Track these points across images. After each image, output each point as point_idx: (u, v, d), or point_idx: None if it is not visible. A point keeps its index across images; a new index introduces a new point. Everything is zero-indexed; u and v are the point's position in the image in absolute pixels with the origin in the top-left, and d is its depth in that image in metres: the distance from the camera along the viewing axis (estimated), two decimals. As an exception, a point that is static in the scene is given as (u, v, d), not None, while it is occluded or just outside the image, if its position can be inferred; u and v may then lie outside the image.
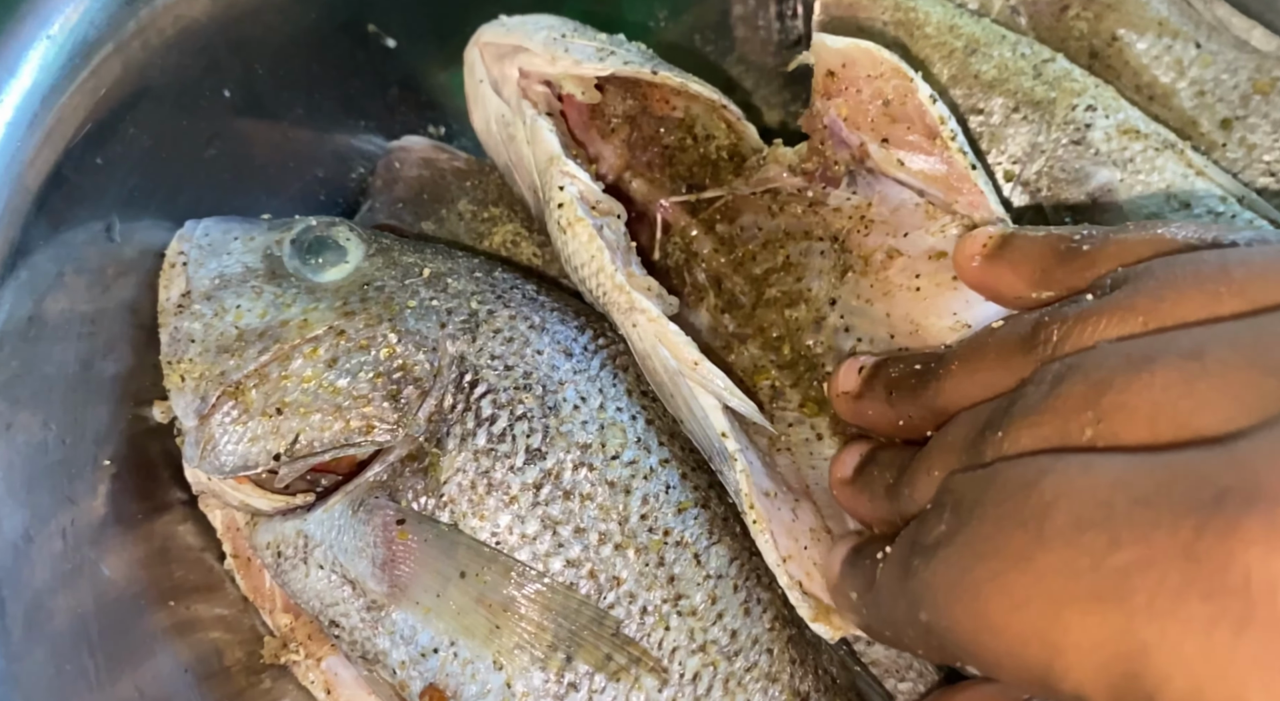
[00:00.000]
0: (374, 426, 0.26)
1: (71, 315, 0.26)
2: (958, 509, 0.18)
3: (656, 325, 0.27)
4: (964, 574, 0.17)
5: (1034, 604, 0.15)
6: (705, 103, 0.31)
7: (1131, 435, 0.16)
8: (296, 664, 0.29)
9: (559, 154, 0.29)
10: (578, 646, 0.25)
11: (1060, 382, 0.18)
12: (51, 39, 0.26)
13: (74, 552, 0.25)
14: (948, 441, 0.22)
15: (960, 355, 0.24)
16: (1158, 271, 0.20)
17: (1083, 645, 0.15)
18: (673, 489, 0.27)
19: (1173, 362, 0.17)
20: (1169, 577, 0.13)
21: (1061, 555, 0.15)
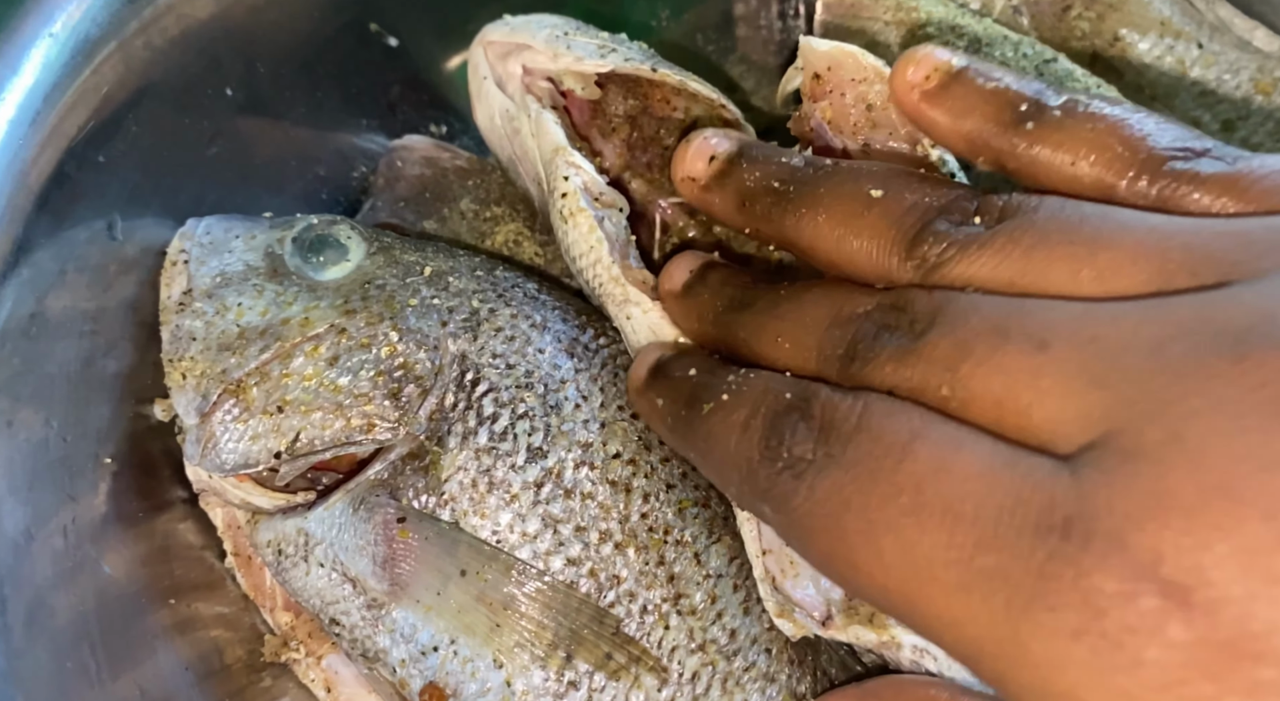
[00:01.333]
0: (375, 424, 0.26)
1: (73, 313, 0.27)
2: (827, 435, 0.19)
3: (650, 317, 0.27)
4: (835, 518, 0.18)
5: (901, 571, 0.17)
6: (704, 102, 0.31)
7: (981, 415, 0.18)
8: (297, 662, 0.29)
9: (564, 145, 0.29)
10: (578, 645, 0.25)
11: (928, 331, 0.19)
12: (54, 37, 0.26)
13: (75, 550, 0.25)
14: (804, 330, 0.22)
15: (828, 207, 0.22)
16: (1042, 217, 0.20)
17: (944, 619, 0.17)
18: (673, 488, 0.27)
19: (1022, 345, 0.18)
20: (1023, 589, 0.15)
21: (933, 540, 0.17)
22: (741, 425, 0.21)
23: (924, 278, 0.21)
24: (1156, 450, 0.15)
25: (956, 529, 0.16)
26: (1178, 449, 0.15)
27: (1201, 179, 0.19)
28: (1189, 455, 0.15)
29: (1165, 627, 0.14)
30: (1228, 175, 0.19)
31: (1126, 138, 0.20)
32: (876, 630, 0.24)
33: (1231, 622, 0.14)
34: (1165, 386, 0.15)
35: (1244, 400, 0.15)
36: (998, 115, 0.22)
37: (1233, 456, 0.14)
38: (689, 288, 0.26)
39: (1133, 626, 0.14)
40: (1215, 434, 0.14)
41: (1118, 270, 0.18)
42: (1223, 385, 0.15)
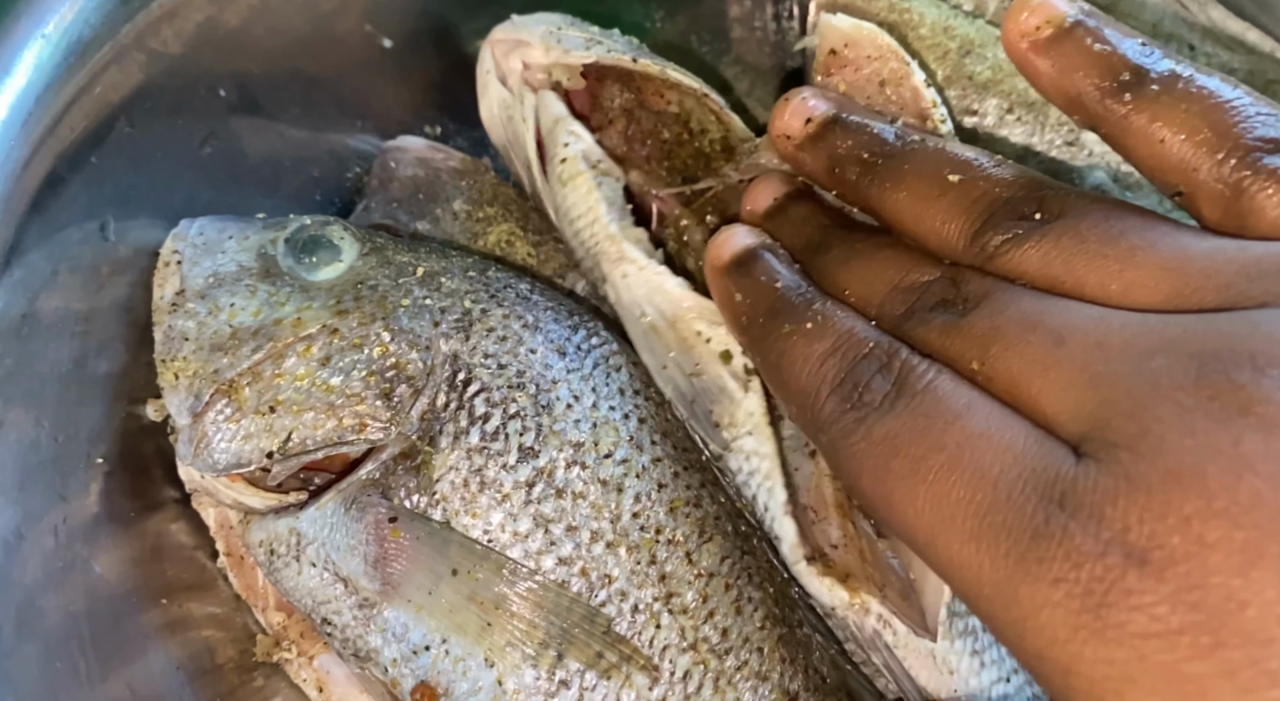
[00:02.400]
0: (367, 424, 0.26)
1: (65, 313, 0.27)
2: (899, 389, 0.22)
3: (647, 272, 0.28)
4: (885, 459, 0.21)
5: (929, 515, 0.20)
6: (692, 94, 0.32)
7: (1000, 391, 0.21)
8: (289, 662, 0.29)
9: (565, 115, 0.30)
10: (569, 644, 0.25)
11: (973, 311, 0.22)
12: (46, 38, 0.26)
13: (66, 550, 0.25)
14: (869, 289, 0.24)
15: (911, 184, 0.25)
16: (1087, 225, 0.22)
17: (955, 561, 0.20)
18: (665, 487, 0.27)
19: (1044, 338, 0.20)
20: (1021, 542, 0.18)
21: (959, 494, 0.20)
22: (820, 357, 0.23)
23: (983, 263, 0.23)
24: (1131, 443, 0.18)
25: (980, 488, 0.19)
26: (1145, 443, 0.18)
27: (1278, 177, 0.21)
28: (1153, 449, 0.18)
29: (1125, 579, 0.17)
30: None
31: (1217, 123, 0.22)
32: (850, 591, 0.25)
33: (1177, 577, 0.17)
34: (1143, 392, 0.18)
35: (1197, 409, 0.18)
36: (1099, 80, 0.23)
37: (1184, 451, 0.17)
38: (770, 216, 0.28)
39: (1100, 577, 0.17)
40: (1173, 433, 0.18)
41: (1142, 285, 0.20)
42: (1184, 396, 0.18)
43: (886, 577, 0.26)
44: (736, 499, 0.29)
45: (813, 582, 0.26)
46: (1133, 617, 0.17)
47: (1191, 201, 0.22)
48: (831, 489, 0.28)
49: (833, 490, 0.28)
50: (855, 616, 0.26)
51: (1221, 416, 0.17)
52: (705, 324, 0.27)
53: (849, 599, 0.26)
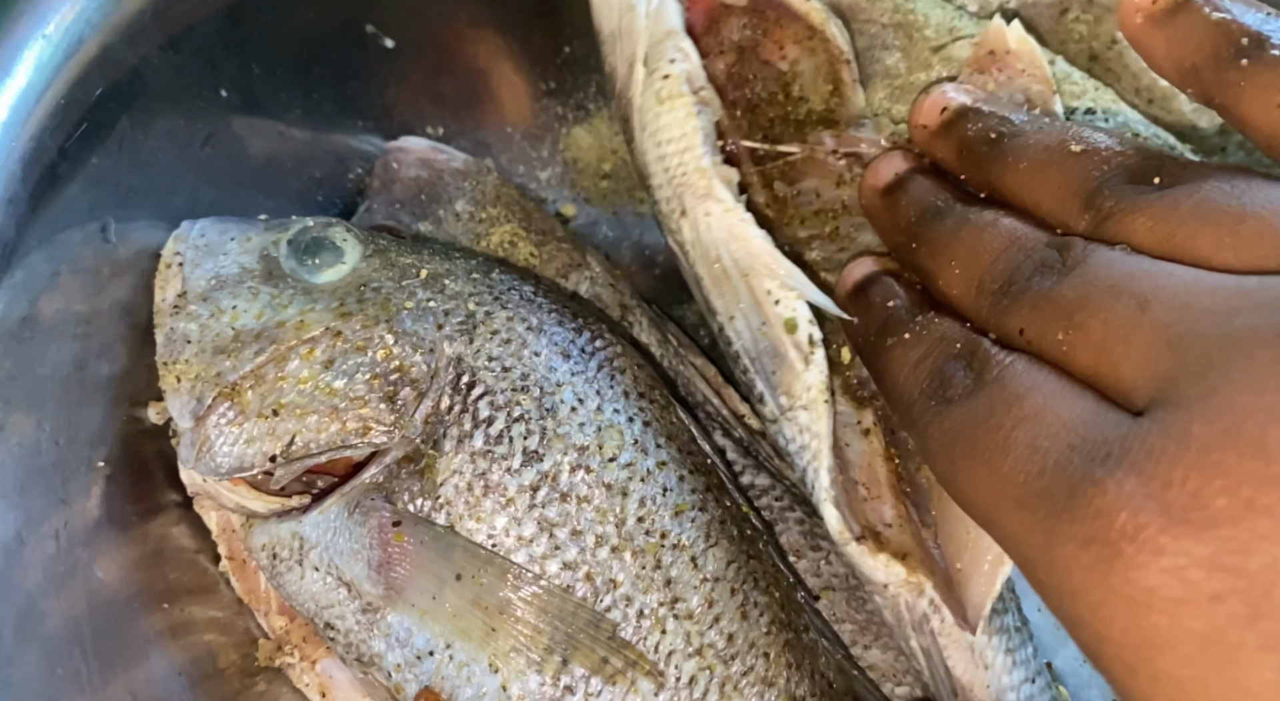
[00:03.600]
0: (370, 428, 0.26)
1: (66, 315, 0.26)
2: (976, 380, 0.22)
3: (732, 217, 0.27)
4: (951, 444, 0.22)
5: (986, 489, 0.20)
6: (823, 57, 0.31)
7: (1084, 361, 0.21)
8: (291, 666, 0.29)
9: (679, 29, 0.29)
10: (574, 649, 0.25)
11: (1066, 276, 0.22)
12: (47, 38, 0.25)
13: (67, 554, 0.25)
14: (974, 259, 0.25)
15: (1033, 157, 0.25)
16: (1207, 187, 0.21)
17: (1008, 532, 0.20)
18: (670, 491, 0.27)
19: (1129, 303, 0.20)
20: (1058, 503, 0.18)
21: (1012, 466, 0.20)
22: (914, 364, 0.24)
23: (1095, 228, 0.23)
24: (1191, 402, 0.17)
25: (1031, 459, 0.19)
26: (1206, 402, 0.17)
27: None
28: (1215, 408, 0.17)
29: (1158, 539, 0.16)
30: None
31: None
32: (908, 569, 0.25)
33: (1218, 540, 0.16)
34: (1218, 352, 0.18)
35: (1270, 370, 0.17)
36: (1215, 48, 0.23)
37: (1248, 411, 0.16)
38: (890, 189, 0.29)
39: (1131, 536, 0.17)
40: (1241, 392, 0.17)
41: (1253, 246, 0.20)
42: (1261, 355, 0.17)
43: (932, 565, 0.26)
44: (743, 502, 0.29)
45: (865, 560, 0.26)
46: (1164, 581, 0.16)
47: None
48: (886, 469, 0.27)
49: (886, 471, 0.27)
50: (909, 595, 0.25)
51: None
52: (776, 284, 0.27)
53: (906, 575, 0.25)
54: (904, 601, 0.26)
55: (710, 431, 0.33)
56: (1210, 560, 0.16)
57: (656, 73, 0.29)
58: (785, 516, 0.32)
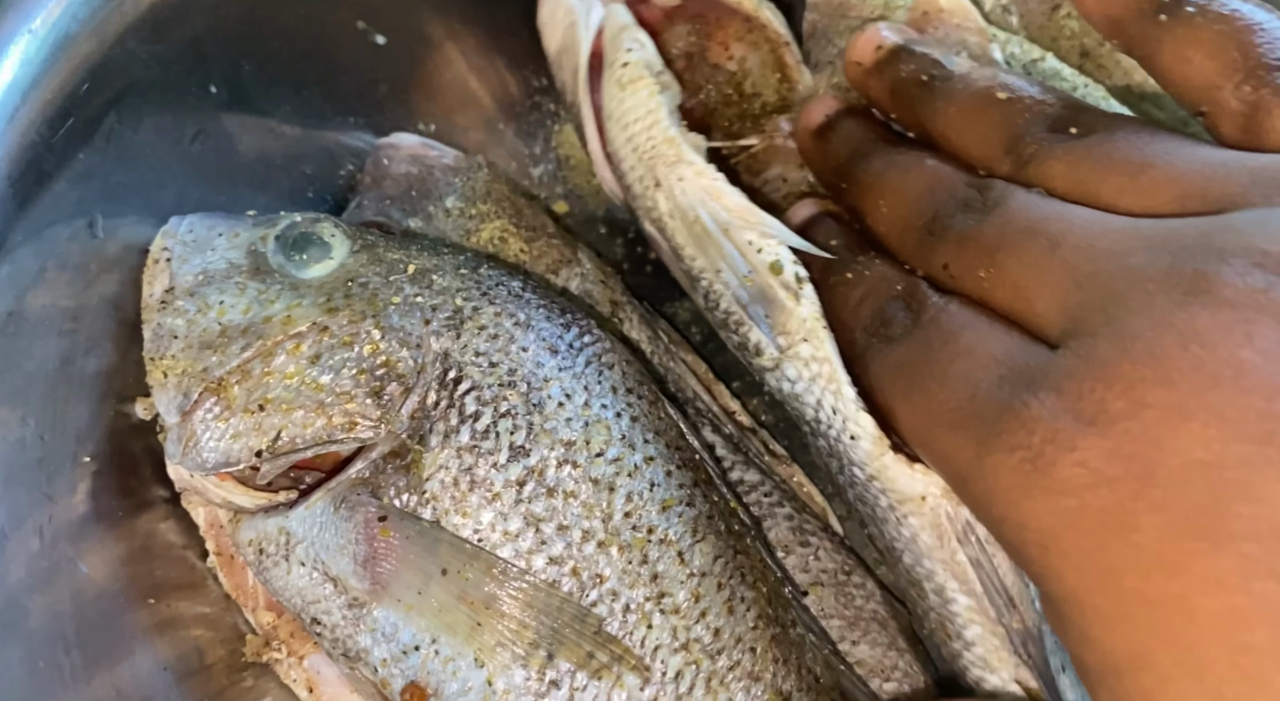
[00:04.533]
0: (357, 423, 0.26)
1: (53, 311, 0.26)
2: (914, 320, 0.25)
3: (704, 179, 0.28)
4: (892, 377, 0.25)
5: (924, 416, 0.23)
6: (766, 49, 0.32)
7: (1003, 297, 0.23)
8: (279, 662, 0.29)
9: (632, 24, 0.31)
10: (559, 644, 0.25)
11: (988, 216, 0.24)
12: (33, 33, 0.25)
13: (51, 550, 0.25)
14: (901, 198, 0.27)
15: (961, 102, 0.27)
16: (1117, 136, 0.24)
17: (942, 453, 0.23)
18: (657, 486, 0.27)
19: (1042, 243, 0.22)
20: (988, 422, 0.21)
21: (947, 396, 0.22)
22: (856, 302, 0.27)
23: (1015, 172, 0.25)
24: (1096, 330, 0.20)
25: (964, 389, 0.22)
26: (1108, 328, 0.20)
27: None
28: (1114, 332, 0.19)
29: (1072, 439, 0.19)
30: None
31: (1245, 44, 0.23)
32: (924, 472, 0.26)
33: (1117, 434, 0.18)
34: (1119, 286, 0.20)
35: (1160, 294, 0.19)
36: (1139, 3, 0.25)
37: (1140, 329, 0.19)
38: (822, 130, 0.31)
39: (1051, 439, 0.19)
40: (1135, 315, 0.19)
41: (1152, 192, 0.22)
42: (1153, 285, 0.20)
43: None
44: (731, 497, 0.29)
45: (902, 472, 0.26)
46: (1075, 471, 0.19)
47: (1213, 120, 0.24)
48: None
49: None
50: (950, 505, 0.25)
51: (1180, 299, 0.19)
52: (756, 234, 0.28)
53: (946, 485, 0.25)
54: (945, 512, 0.26)
55: (700, 427, 0.33)
56: (1111, 450, 0.18)
57: (615, 63, 0.30)
58: (774, 512, 0.32)
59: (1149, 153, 0.23)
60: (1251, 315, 0.18)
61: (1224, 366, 0.18)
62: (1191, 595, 0.17)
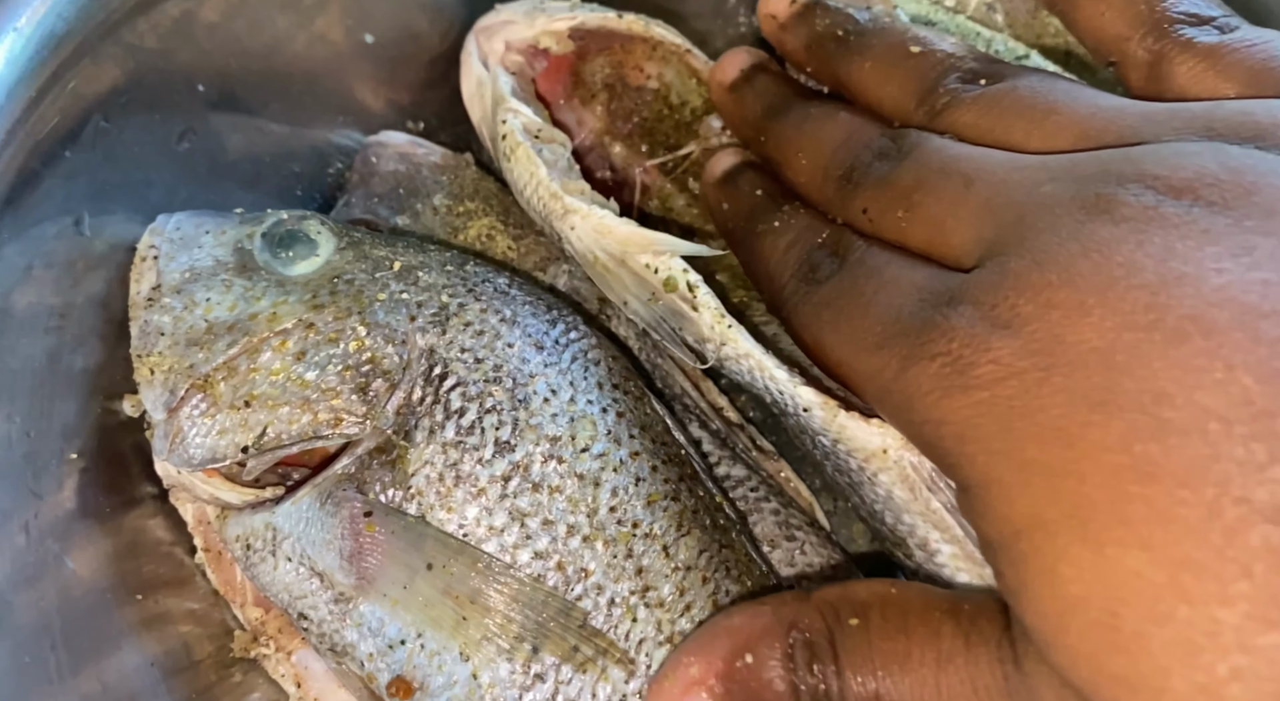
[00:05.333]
0: (342, 419, 0.26)
1: (39, 308, 0.26)
2: (839, 264, 0.26)
3: (592, 219, 0.29)
4: (817, 315, 0.26)
5: (849, 345, 0.24)
6: (677, 61, 0.33)
7: (921, 234, 0.24)
8: (267, 657, 0.29)
9: (505, 94, 0.32)
10: (544, 638, 0.25)
11: (903, 161, 0.25)
12: (18, 32, 0.25)
13: (38, 546, 0.25)
14: (818, 149, 0.28)
15: (877, 55, 0.28)
16: (1022, 84, 0.25)
17: (866, 372, 0.24)
18: (642, 481, 0.27)
19: (956, 181, 0.24)
20: (910, 338, 0.22)
21: (869, 323, 0.24)
22: (784, 249, 0.27)
23: (928, 121, 0.26)
24: (1008, 248, 0.22)
25: (888, 313, 0.23)
26: (1019, 246, 0.21)
27: (1193, 46, 0.24)
28: (1024, 248, 0.21)
29: (987, 341, 0.21)
30: (1214, 45, 0.24)
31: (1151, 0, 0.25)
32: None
33: (1026, 333, 0.20)
34: (1028, 212, 0.22)
35: (1066, 215, 0.21)
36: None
37: (1048, 243, 0.21)
38: (736, 86, 0.32)
39: (968, 343, 0.21)
40: (1044, 233, 0.21)
41: (1057, 133, 0.24)
42: (1059, 207, 0.21)
43: None
44: (717, 492, 0.29)
45: (860, 429, 0.26)
46: (989, 368, 0.20)
47: (1123, 70, 0.26)
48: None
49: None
50: (912, 455, 0.26)
51: (1083, 217, 0.21)
52: (649, 255, 0.29)
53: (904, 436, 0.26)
54: (909, 462, 0.26)
55: (686, 423, 0.33)
56: (1021, 347, 0.20)
57: (497, 136, 0.32)
58: (760, 507, 0.32)
59: (1053, 99, 0.24)
60: (1143, 226, 0.20)
61: (1118, 267, 0.19)
62: (1082, 460, 0.18)
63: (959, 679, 0.21)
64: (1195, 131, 0.22)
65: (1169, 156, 0.21)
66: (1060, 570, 0.18)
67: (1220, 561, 0.17)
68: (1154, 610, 0.17)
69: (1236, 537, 0.17)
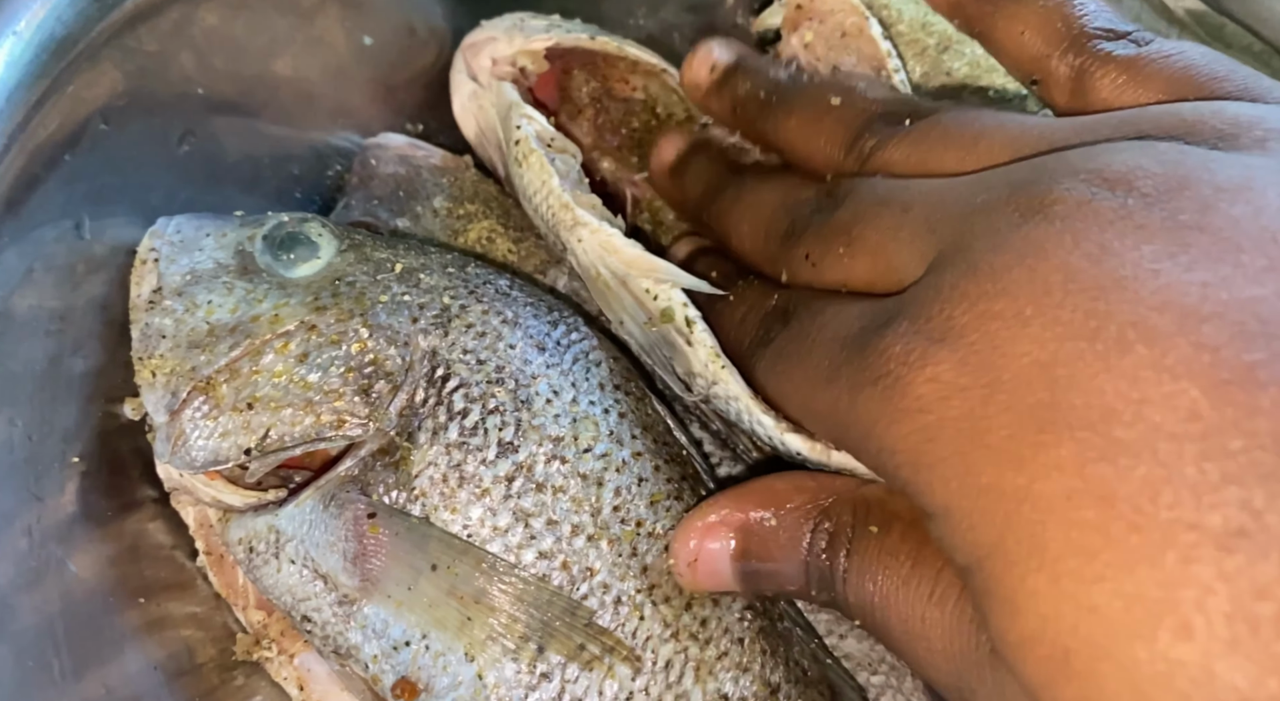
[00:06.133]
0: (345, 421, 0.26)
1: (40, 312, 0.26)
2: (792, 315, 0.26)
3: (600, 235, 0.29)
4: (773, 365, 0.26)
5: (801, 390, 0.24)
6: (654, 74, 0.33)
7: (864, 265, 0.24)
8: (269, 660, 0.29)
9: (517, 100, 0.32)
10: (550, 637, 0.25)
11: (840, 205, 0.26)
12: (18, 35, 0.25)
13: (40, 550, 0.25)
14: (758, 214, 0.29)
15: (800, 111, 0.29)
16: (947, 118, 0.26)
17: (819, 412, 0.24)
18: (645, 481, 0.27)
19: (894, 209, 0.24)
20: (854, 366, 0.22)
21: (817, 360, 0.23)
22: (739, 321, 0.28)
23: (859, 167, 0.27)
24: (946, 261, 0.21)
25: (833, 345, 0.23)
26: (958, 257, 0.21)
27: (1113, 59, 0.25)
28: (961, 258, 0.21)
29: (924, 357, 0.20)
30: (1133, 57, 0.24)
31: (1067, 16, 0.26)
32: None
33: (964, 346, 0.19)
34: (965, 222, 0.22)
35: (1000, 218, 0.21)
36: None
37: (983, 249, 0.20)
38: (674, 170, 0.33)
39: (904, 361, 0.20)
40: (979, 242, 0.21)
41: (990, 154, 0.24)
42: (994, 214, 0.21)
43: None
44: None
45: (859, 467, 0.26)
46: (929, 387, 0.20)
47: (1046, 88, 0.26)
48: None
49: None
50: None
51: (1017, 220, 0.20)
52: (651, 282, 0.29)
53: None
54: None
55: (688, 424, 0.33)
56: (960, 361, 0.19)
57: (510, 141, 0.32)
58: (762, 506, 0.32)
59: (981, 125, 0.25)
60: (1078, 223, 0.19)
61: (1055, 272, 0.19)
62: (1035, 483, 0.18)
63: (943, 622, 0.20)
64: (1125, 134, 0.22)
65: (1101, 154, 0.21)
66: (1018, 601, 0.18)
67: (1174, 595, 0.16)
68: (1109, 649, 0.16)
69: (1190, 567, 0.16)
